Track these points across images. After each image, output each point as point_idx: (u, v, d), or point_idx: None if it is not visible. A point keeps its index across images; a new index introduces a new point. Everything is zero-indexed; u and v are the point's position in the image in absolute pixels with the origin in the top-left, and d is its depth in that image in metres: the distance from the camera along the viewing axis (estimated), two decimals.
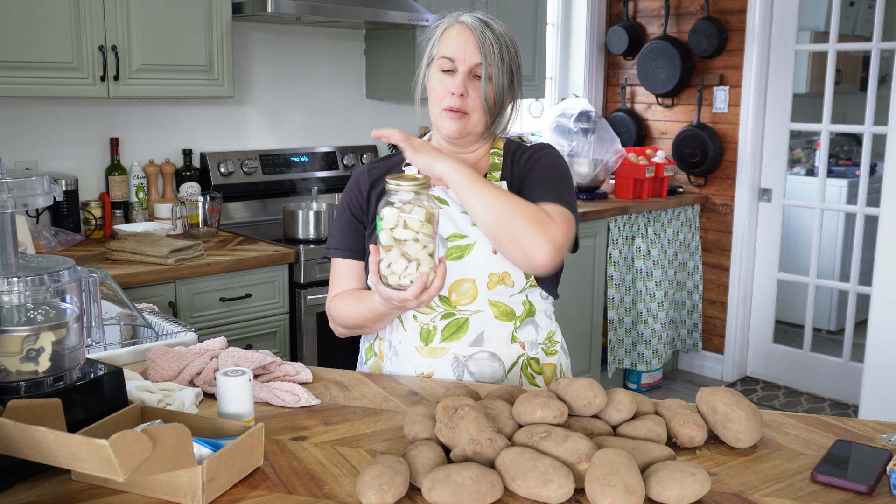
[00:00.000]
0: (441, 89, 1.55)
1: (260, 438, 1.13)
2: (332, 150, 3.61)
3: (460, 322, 1.56)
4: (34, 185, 1.13)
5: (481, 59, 1.52)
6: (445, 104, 1.55)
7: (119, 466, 0.93)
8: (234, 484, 1.09)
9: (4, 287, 1.09)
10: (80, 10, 2.56)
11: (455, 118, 1.55)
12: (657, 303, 4.08)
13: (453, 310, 1.56)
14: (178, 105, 3.19)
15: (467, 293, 1.55)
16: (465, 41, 1.53)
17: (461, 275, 1.54)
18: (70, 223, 2.87)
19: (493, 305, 1.56)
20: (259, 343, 2.78)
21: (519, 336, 1.59)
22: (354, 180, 1.69)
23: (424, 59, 1.61)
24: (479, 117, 1.56)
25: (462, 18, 1.56)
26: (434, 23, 1.62)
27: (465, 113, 1.55)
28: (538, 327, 1.62)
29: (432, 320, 1.56)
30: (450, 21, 1.57)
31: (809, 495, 1.08)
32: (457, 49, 1.53)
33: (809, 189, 4.55)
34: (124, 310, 1.63)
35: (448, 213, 1.58)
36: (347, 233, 1.66)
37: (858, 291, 4.07)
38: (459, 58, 1.53)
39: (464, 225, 1.56)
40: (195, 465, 1.01)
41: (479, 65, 1.52)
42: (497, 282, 1.54)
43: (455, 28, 1.55)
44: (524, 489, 1.03)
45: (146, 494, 1.05)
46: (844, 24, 5.07)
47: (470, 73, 1.53)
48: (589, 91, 4.65)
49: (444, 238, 1.56)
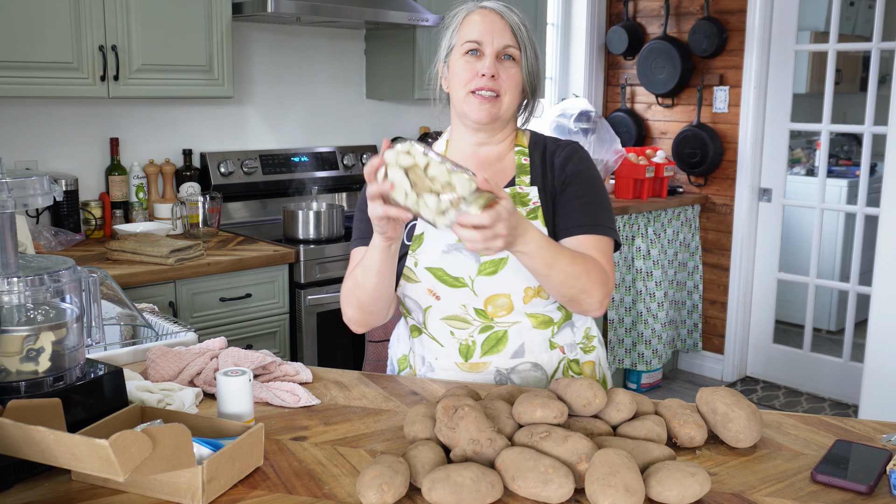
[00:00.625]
0: (467, 73, 1.49)
1: (260, 438, 1.13)
2: (332, 150, 3.61)
3: (499, 335, 1.52)
4: (34, 185, 1.13)
5: (512, 38, 1.48)
6: (472, 86, 1.48)
7: (119, 466, 0.93)
8: (234, 484, 1.09)
9: (4, 287, 1.09)
10: (80, 10, 2.56)
11: (485, 101, 1.49)
12: (657, 303, 4.08)
13: (491, 322, 1.52)
14: (178, 105, 3.19)
15: (503, 306, 1.51)
16: (492, 23, 1.48)
17: (495, 290, 1.50)
18: (70, 223, 2.87)
19: (531, 316, 1.53)
20: (259, 343, 2.78)
21: (557, 341, 1.56)
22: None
23: (442, 49, 1.56)
24: (511, 100, 1.51)
25: (485, 4, 1.52)
26: (451, 13, 1.56)
27: (497, 95, 1.49)
28: (574, 327, 1.60)
29: (470, 335, 1.53)
30: (470, 7, 1.53)
31: (809, 495, 1.08)
32: (483, 31, 1.48)
33: (809, 189, 4.55)
34: (124, 310, 1.63)
35: None
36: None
37: (858, 291, 4.07)
38: (487, 40, 1.48)
39: None
40: (195, 465, 1.01)
41: (507, 46, 1.48)
42: (533, 295, 1.51)
43: (477, 13, 1.51)
44: (524, 489, 1.03)
45: (146, 494, 1.05)
46: (844, 24, 5.07)
47: (498, 56, 1.48)
48: (589, 91, 4.65)
49: (477, 254, 1.49)
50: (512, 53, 1.49)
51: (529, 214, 1.52)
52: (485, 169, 1.57)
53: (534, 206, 1.53)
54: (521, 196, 1.54)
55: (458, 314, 1.52)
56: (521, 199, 1.53)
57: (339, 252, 2.91)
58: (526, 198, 1.53)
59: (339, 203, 3.60)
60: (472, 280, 1.49)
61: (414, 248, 1.53)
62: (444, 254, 1.51)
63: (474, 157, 1.58)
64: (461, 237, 1.19)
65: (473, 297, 1.50)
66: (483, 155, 1.58)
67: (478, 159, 1.58)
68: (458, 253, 1.50)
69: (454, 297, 1.51)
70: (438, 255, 1.51)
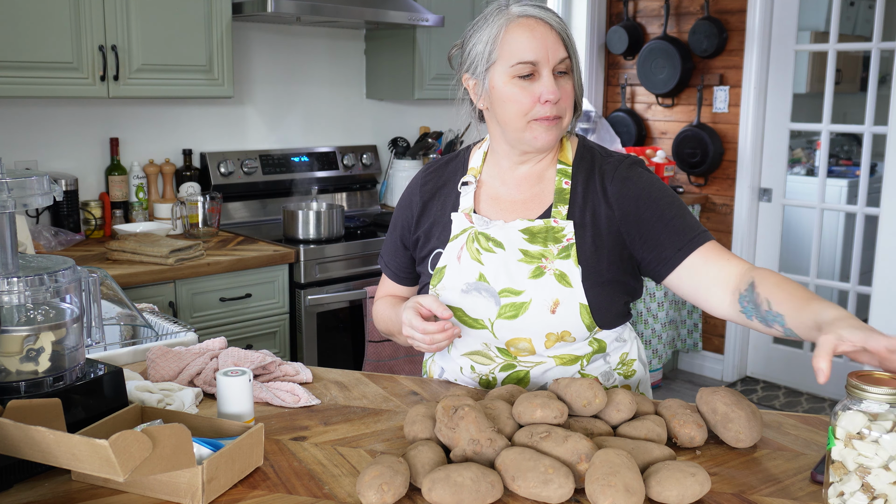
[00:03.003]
0: (527, 100, 1.34)
1: (260, 438, 1.13)
2: (331, 150, 3.60)
3: (520, 374, 1.44)
4: (34, 185, 1.13)
5: (565, 50, 1.34)
6: (538, 114, 1.35)
7: (119, 466, 0.93)
8: (234, 484, 1.09)
9: (4, 287, 1.09)
10: (80, 10, 2.56)
11: (551, 127, 1.36)
12: (657, 303, 4.08)
13: (513, 361, 1.44)
14: (178, 105, 3.19)
15: (525, 349, 1.43)
16: (544, 37, 1.33)
17: (516, 334, 1.40)
18: (70, 223, 2.87)
19: (556, 357, 1.43)
20: (259, 343, 2.78)
21: (589, 372, 1.45)
22: (407, 196, 1.57)
23: (475, 60, 1.39)
24: (569, 117, 1.39)
25: (527, 13, 1.35)
26: (482, 19, 1.39)
27: (560, 117, 1.37)
28: (609, 356, 1.48)
29: (491, 371, 1.46)
30: (510, 16, 1.35)
31: (809, 495, 1.08)
32: (537, 49, 1.32)
33: (809, 189, 4.55)
34: (124, 310, 1.64)
35: (503, 261, 1.41)
36: (393, 252, 1.59)
37: (858, 291, 4.07)
38: (542, 58, 1.33)
39: (519, 278, 1.39)
40: (195, 465, 1.01)
41: (563, 60, 1.34)
42: (555, 340, 1.40)
43: (524, 25, 1.34)
44: (524, 489, 1.03)
45: (146, 494, 1.05)
46: (844, 24, 5.06)
47: (553, 72, 1.34)
48: (589, 91, 4.65)
49: (497, 293, 1.40)
50: (566, 68, 1.36)
51: (561, 253, 1.39)
52: (524, 191, 1.46)
53: (567, 244, 1.40)
54: (555, 231, 1.40)
55: (481, 350, 1.46)
56: (553, 234, 1.40)
57: (339, 252, 2.91)
58: (560, 233, 1.40)
59: (339, 203, 3.60)
60: (491, 323, 1.41)
61: (434, 282, 1.47)
62: (463, 293, 1.43)
63: (513, 174, 1.47)
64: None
65: (494, 338, 1.43)
66: (523, 174, 1.46)
67: (516, 178, 1.47)
68: (477, 294, 1.42)
69: (476, 336, 1.44)
70: (458, 294, 1.43)
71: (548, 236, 1.40)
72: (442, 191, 1.53)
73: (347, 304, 2.93)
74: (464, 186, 1.49)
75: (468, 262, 1.44)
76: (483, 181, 1.51)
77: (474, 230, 1.45)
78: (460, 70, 1.45)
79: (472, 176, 1.50)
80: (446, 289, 1.45)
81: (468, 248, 1.45)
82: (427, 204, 1.53)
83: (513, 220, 1.44)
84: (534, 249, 1.40)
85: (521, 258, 1.40)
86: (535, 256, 1.40)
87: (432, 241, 1.51)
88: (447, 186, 1.52)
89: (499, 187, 1.49)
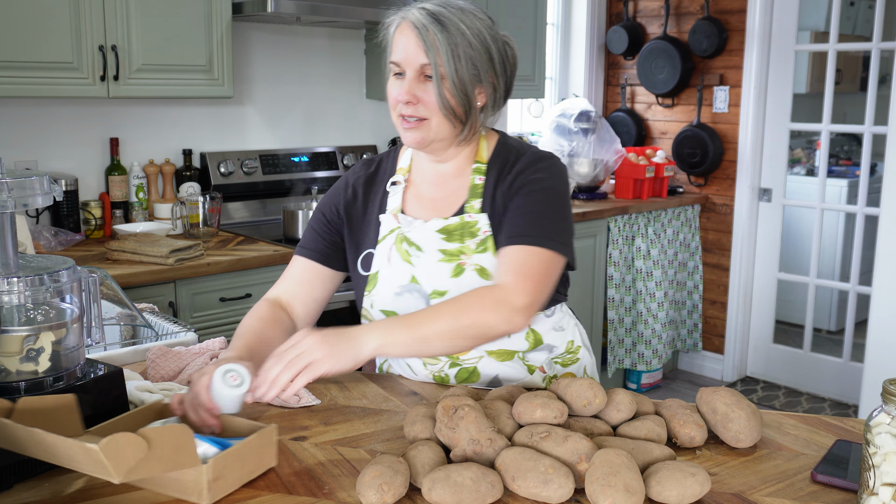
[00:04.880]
0: (392, 97, 1.41)
1: (272, 439, 1.12)
2: (331, 150, 3.61)
3: (470, 370, 1.47)
4: (34, 185, 1.13)
5: (428, 58, 1.36)
6: (397, 111, 1.41)
7: (112, 469, 0.93)
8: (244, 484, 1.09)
9: (4, 287, 1.09)
10: (80, 10, 2.56)
11: (410, 127, 1.40)
12: (657, 303, 4.08)
13: (457, 360, 1.47)
14: (178, 105, 3.19)
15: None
16: (408, 41, 1.38)
17: None
18: (70, 223, 2.87)
19: (493, 354, 1.46)
20: None
21: (533, 363, 1.49)
22: (339, 187, 1.57)
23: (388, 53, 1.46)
24: (439, 121, 1.39)
25: (407, 15, 1.39)
26: (386, 20, 1.46)
27: (422, 119, 1.39)
28: (552, 347, 1.51)
29: (441, 369, 1.48)
30: (397, 19, 1.42)
31: (809, 495, 1.08)
32: (400, 51, 1.39)
33: (809, 189, 4.55)
34: (124, 310, 1.63)
35: (424, 266, 1.44)
36: (316, 236, 1.54)
37: (858, 291, 4.07)
38: (403, 60, 1.38)
39: (442, 278, 1.42)
40: (198, 465, 1.01)
41: (426, 65, 1.37)
42: None
43: (402, 26, 1.40)
44: (524, 489, 1.03)
45: (157, 491, 1.06)
46: (844, 24, 5.07)
47: (420, 76, 1.38)
48: (589, 91, 4.65)
49: (428, 294, 1.43)
50: (429, 73, 1.37)
51: (479, 247, 1.42)
52: (442, 189, 1.50)
53: (484, 237, 1.43)
54: (469, 226, 1.44)
55: None
56: (469, 230, 1.44)
57: None
58: (475, 227, 1.44)
59: None
60: None
61: (369, 288, 1.49)
62: (396, 296, 1.45)
63: (432, 172, 1.51)
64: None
65: None
66: (440, 172, 1.50)
67: (435, 176, 1.50)
68: (409, 295, 1.44)
69: None
70: (392, 297, 1.45)
71: (464, 232, 1.44)
72: (373, 189, 1.54)
73: (347, 304, 2.93)
74: (392, 186, 1.51)
75: (399, 263, 1.46)
76: (412, 180, 1.53)
77: (401, 231, 1.47)
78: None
79: (400, 175, 1.53)
80: (380, 293, 1.47)
81: (398, 250, 1.46)
82: (357, 194, 1.54)
83: (430, 220, 1.46)
84: (452, 247, 1.43)
85: (441, 258, 1.44)
86: (453, 254, 1.43)
87: (362, 240, 1.52)
88: (380, 185, 1.55)
89: (421, 185, 1.52)
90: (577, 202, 3.97)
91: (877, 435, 0.94)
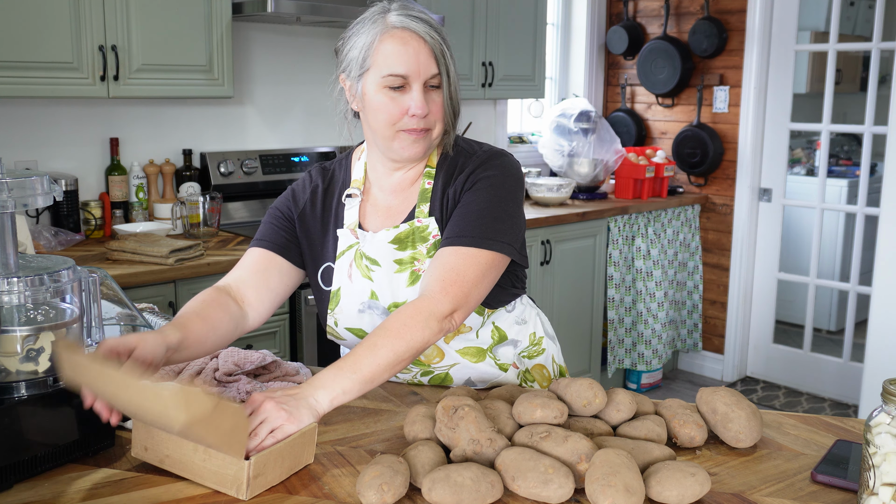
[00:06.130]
0: (395, 110, 1.34)
1: (312, 438, 1.14)
2: (331, 150, 3.61)
3: (442, 376, 1.48)
4: (34, 185, 1.13)
5: (439, 68, 1.33)
6: (405, 126, 1.35)
7: (181, 413, 0.96)
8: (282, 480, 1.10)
9: (4, 287, 1.09)
10: (80, 10, 2.56)
11: (418, 139, 1.36)
12: (657, 303, 4.08)
13: (428, 367, 1.47)
14: (178, 105, 3.19)
15: (433, 354, 1.46)
16: (417, 51, 1.31)
17: None
18: (70, 223, 2.87)
19: (464, 354, 1.47)
20: (259, 343, 2.78)
21: (504, 362, 1.49)
22: (294, 191, 1.52)
23: (353, 66, 1.36)
24: (439, 130, 1.38)
25: (403, 24, 1.32)
26: (360, 20, 1.37)
27: (427, 129, 1.36)
28: (516, 342, 1.52)
29: (415, 377, 1.49)
30: (385, 26, 1.33)
31: (809, 495, 1.08)
32: (408, 62, 1.31)
33: (809, 189, 4.56)
34: (124, 310, 1.63)
35: (382, 280, 1.42)
36: (273, 229, 1.48)
37: (858, 291, 4.07)
38: (413, 72, 1.32)
39: (399, 289, 1.41)
40: (241, 456, 1.03)
41: (435, 75, 1.34)
42: (454, 335, 1.44)
43: (396, 36, 1.32)
44: (524, 489, 1.03)
45: (195, 481, 1.07)
46: (844, 24, 5.07)
47: (425, 85, 1.34)
48: (589, 91, 4.65)
49: (385, 308, 1.42)
50: (437, 83, 1.35)
51: (430, 251, 1.40)
52: (396, 196, 1.47)
53: (434, 241, 1.41)
54: (420, 230, 1.42)
55: None
56: (420, 234, 1.42)
57: None
58: (425, 231, 1.42)
59: None
60: None
61: (332, 306, 1.47)
62: (360, 313, 1.44)
63: (388, 181, 1.47)
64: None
65: None
66: (397, 180, 1.46)
67: (391, 184, 1.47)
68: (371, 312, 1.43)
69: None
70: (355, 315, 1.44)
71: (415, 237, 1.42)
72: (328, 201, 1.49)
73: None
74: (348, 199, 1.47)
75: (359, 280, 1.44)
76: (368, 190, 1.49)
77: (359, 247, 1.44)
78: (337, 68, 1.43)
79: (356, 188, 1.48)
80: (344, 311, 1.45)
81: (358, 266, 1.44)
82: (313, 205, 1.49)
83: (379, 231, 1.43)
84: (405, 256, 1.42)
85: (396, 269, 1.41)
86: (407, 262, 1.42)
87: (321, 253, 1.49)
88: (333, 197, 1.50)
89: (378, 194, 1.48)
90: (577, 202, 3.97)
91: (877, 435, 0.94)
